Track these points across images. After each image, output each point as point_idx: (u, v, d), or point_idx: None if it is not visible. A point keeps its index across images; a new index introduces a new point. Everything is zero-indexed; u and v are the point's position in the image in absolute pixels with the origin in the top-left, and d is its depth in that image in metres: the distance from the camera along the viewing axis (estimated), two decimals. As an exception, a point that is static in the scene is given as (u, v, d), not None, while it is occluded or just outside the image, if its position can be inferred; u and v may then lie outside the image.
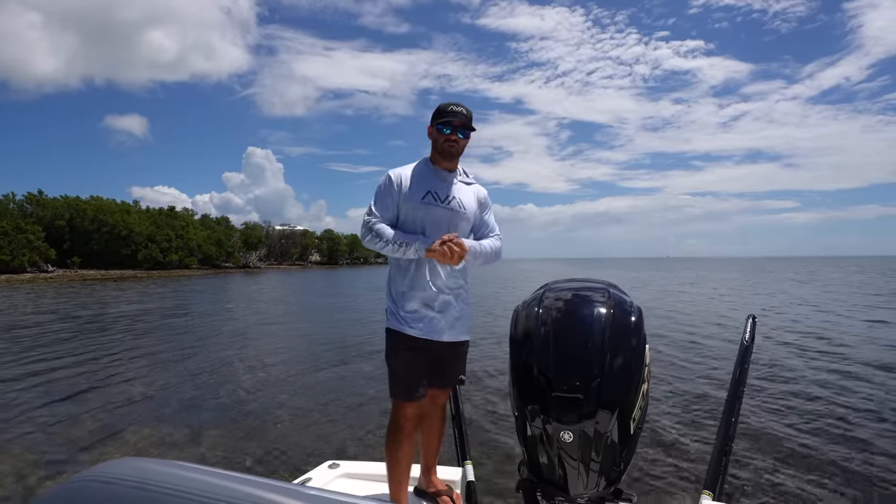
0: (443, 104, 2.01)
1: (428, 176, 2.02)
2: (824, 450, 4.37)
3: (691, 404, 5.76)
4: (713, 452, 1.30)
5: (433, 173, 2.03)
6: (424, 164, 2.06)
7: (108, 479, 0.50)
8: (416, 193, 1.97)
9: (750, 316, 1.62)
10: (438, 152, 2.02)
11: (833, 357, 8.29)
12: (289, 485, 0.49)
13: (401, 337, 1.94)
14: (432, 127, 2.02)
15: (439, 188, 2.00)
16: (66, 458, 4.38)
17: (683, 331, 11.22)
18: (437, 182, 2.01)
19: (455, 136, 1.98)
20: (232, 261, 76.67)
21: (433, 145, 2.04)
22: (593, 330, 1.21)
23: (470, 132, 2.02)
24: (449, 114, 1.98)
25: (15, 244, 48.74)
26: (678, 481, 3.79)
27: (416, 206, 1.96)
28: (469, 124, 2.00)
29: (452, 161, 2.04)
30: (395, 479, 1.98)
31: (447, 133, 1.98)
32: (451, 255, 1.87)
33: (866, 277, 37.34)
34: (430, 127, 2.03)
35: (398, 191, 1.98)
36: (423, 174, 2.02)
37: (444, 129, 1.98)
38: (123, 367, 8.03)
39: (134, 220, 61.74)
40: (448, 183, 2.03)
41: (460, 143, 2.01)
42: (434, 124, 2.00)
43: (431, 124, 2.03)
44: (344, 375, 7.48)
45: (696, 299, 20.19)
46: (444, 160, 2.03)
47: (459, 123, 1.97)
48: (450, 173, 2.05)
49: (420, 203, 1.96)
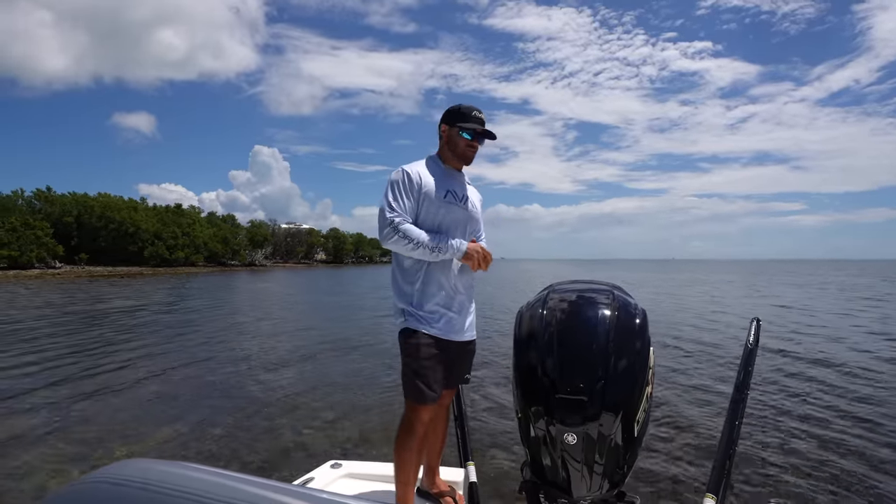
0: (464, 107, 1.99)
1: (444, 174, 2.00)
2: (828, 453, 4.34)
3: (695, 407, 5.73)
4: (716, 455, 1.29)
5: (448, 172, 2.01)
6: (436, 162, 2.03)
7: (116, 480, 0.51)
8: (438, 192, 1.93)
9: (754, 319, 1.60)
10: (456, 155, 2.00)
11: (833, 358, 8.21)
12: (291, 485, 0.50)
13: (422, 336, 1.89)
14: (450, 128, 1.99)
15: (456, 187, 1.99)
16: (72, 458, 4.41)
17: (674, 334, 11.17)
18: (453, 181, 2.00)
19: (477, 143, 2.00)
20: (238, 259, 77.00)
21: (449, 146, 2.01)
22: (597, 332, 1.20)
23: (485, 139, 2.04)
24: (473, 119, 1.97)
25: (23, 240, 49.13)
26: (681, 484, 3.78)
27: (438, 205, 1.92)
28: (488, 131, 2.01)
29: (464, 164, 2.05)
30: (403, 482, 1.93)
31: (469, 139, 1.97)
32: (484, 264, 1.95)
33: (868, 280, 37.01)
34: (447, 127, 2.00)
35: (418, 187, 1.92)
36: (438, 172, 1.99)
37: (466, 135, 1.97)
38: (127, 367, 8.08)
39: (141, 218, 62.11)
40: (462, 183, 2.04)
41: (478, 149, 2.02)
42: (454, 126, 1.98)
43: (449, 125, 1.99)
44: (347, 374, 7.49)
45: (686, 301, 20.08)
46: (457, 162, 2.02)
47: (482, 131, 1.98)
48: (461, 174, 2.06)
49: (442, 202, 1.93)
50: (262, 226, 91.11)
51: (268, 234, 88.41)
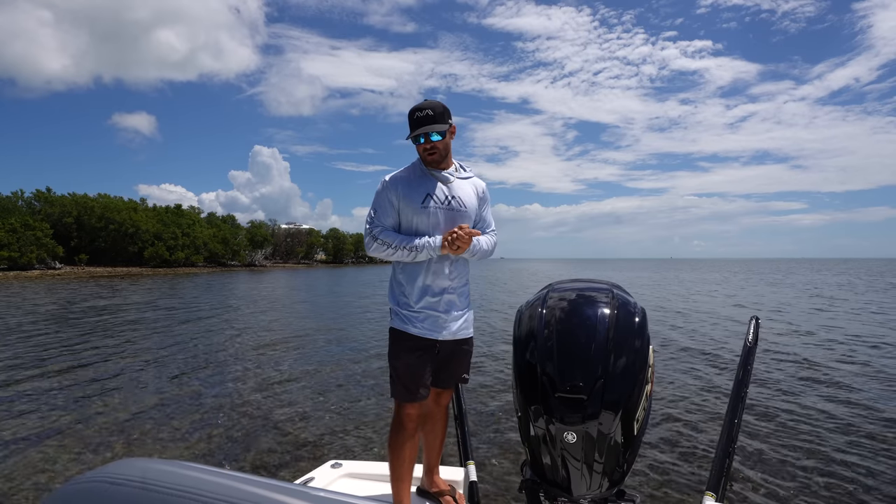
0: (411, 111, 1.92)
1: (424, 178, 1.98)
2: (827, 450, 4.34)
3: (694, 405, 5.73)
4: (716, 453, 1.29)
5: (429, 175, 1.99)
6: (419, 166, 2.02)
7: (114, 479, 0.50)
8: (416, 198, 1.94)
9: (753, 317, 1.60)
10: (424, 162, 1.99)
11: (832, 357, 8.22)
12: (291, 485, 0.50)
13: (404, 336, 1.94)
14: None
15: (437, 190, 1.97)
16: (70, 458, 4.41)
17: (666, 334, 11.17)
18: (434, 184, 1.98)
19: (429, 144, 1.93)
20: (238, 259, 76.97)
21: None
22: (597, 330, 1.20)
23: (445, 129, 1.93)
24: (415, 122, 1.90)
25: (23, 241, 49.13)
26: (681, 482, 3.78)
27: (417, 211, 1.93)
28: (440, 120, 1.90)
29: (441, 162, 2.00)
30: (398, 479, 1.97)
31: (422, 143, 1.93)
32: (464, 242, 1.89)
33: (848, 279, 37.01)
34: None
35: (397, 196, 1.94)
36: (419, 177, 1.98)
37: (418, 140, 1.93)
38: (126, 367, 8.08)
39: (141, 218, 62.11)
40: (445, 183, 1.99)
41: (440, 147, 1.94)
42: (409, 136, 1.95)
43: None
44: (347, 374, 7.49)
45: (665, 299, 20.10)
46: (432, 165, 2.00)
47: (428, 130, 1.89)
48: (444, 172, 2.01)
49: (420, 207, 1.93)
50: (262, 226, 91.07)
51: (268, 235, 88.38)
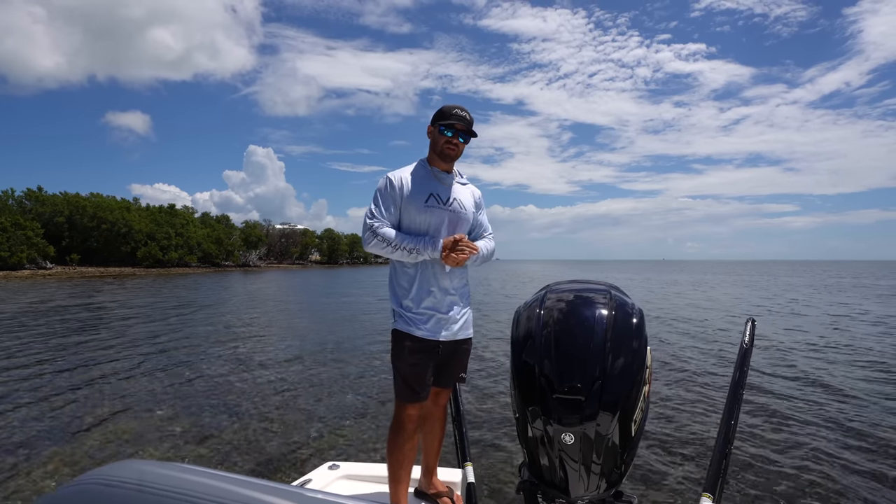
0: (447, 106, 2.02)
1: (428, 178, 2.02)
2: (824, 451, 4.37)
3: (691, 407, 5.76)
4: (713, 454, 1.29)
5: (433, 175, 2.03)
6: (423, 165, 2.06)
7: (110, 481, 0.50)
8: (419, 196, 1.97)
9: (749, 319, 1.61)
10: (437, 154, 2.03)
11: (829, 359, 8.29)
12: (288, 486, 0.49)
13: (408, 338, 1.95)
14: (433, 127, 2.02)
15: (440, 190, 2.01)
16: (65, 460, 4.37)
17: (662, 335, 11.22)
18: (438, 184, 2.02)
19: (456, 140, 2.00)
20: (232, 259, 76.57)
21: (432, 146, 2.05)
22: (595, 331, 1.20)
23: (470, 137, 2.04)
24: (452, 116, 1.99)
25: (14, 241, 48.61)
26: (678, 483, 3.79)
27: (420, 210, 1.96)
28: (471, 129, 2.01)
29: (450, 163, 2.05)
30: (396, 480, 1.98)
31: (448, 136, 1.98)
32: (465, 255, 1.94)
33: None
34: (431, 127, 2.04)
35: (399, 194, 1.97)
36: (423, 176, 2.02)
37: (445, 132, 1.98)
38: (120, 368, 8.01)
39: (134, 218, 61.58)
40: (448, 185, 2.05)
41: (460, 147, 2.02)
42: (436, 125, 2.01)
43: (433, 124, 2.03)
44: (344, 375, 7.47)
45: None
46: (442, 162, 2.03)
47: (462, 128, 1.98)
48: (448, 175, 2.06)
49: (423, 206, 1.96)
50: (257, 226, 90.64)
51: (262, 235, 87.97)
